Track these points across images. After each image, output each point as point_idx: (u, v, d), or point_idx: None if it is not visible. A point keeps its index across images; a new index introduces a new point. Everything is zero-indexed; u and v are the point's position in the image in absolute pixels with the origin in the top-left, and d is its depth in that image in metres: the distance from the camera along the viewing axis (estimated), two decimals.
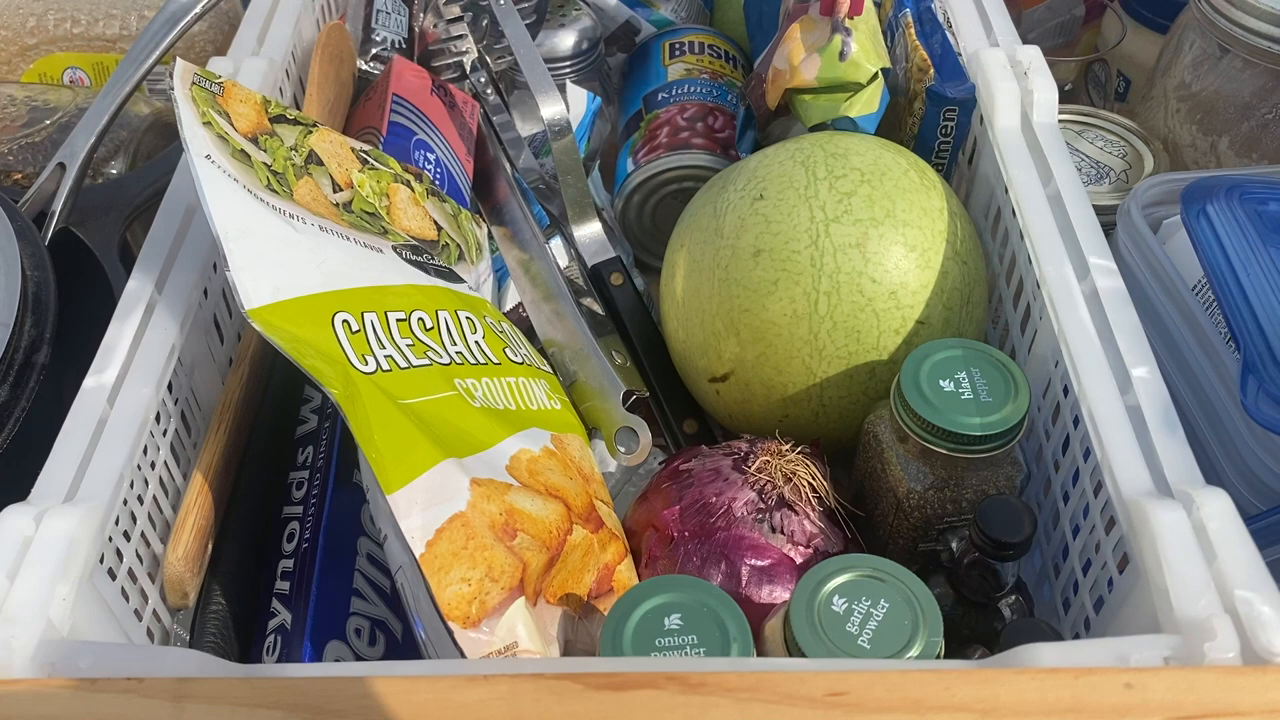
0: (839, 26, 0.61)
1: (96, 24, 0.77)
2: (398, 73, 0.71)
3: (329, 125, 0.68)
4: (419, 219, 0.60)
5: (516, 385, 0.54)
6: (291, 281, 0.48)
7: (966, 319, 0.58)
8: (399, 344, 0.50)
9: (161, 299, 0.52)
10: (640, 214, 0.76)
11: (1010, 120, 0.59)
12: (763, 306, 0.56)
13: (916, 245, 0.56)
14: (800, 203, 0.56)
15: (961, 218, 0.59)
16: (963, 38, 0.66)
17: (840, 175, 0.57)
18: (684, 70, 0.78)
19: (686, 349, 0.61)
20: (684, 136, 0.74)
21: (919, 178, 0.58)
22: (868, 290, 0.55)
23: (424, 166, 0.67)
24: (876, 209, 0.56)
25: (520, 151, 0.75)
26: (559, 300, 0.65)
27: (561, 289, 0.65)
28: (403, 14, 0.80)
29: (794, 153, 0.59)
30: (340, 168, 0.57)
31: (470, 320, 0.55)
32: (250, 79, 0.61)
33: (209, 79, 0.50)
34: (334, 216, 0.54)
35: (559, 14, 0.79)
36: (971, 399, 0.51)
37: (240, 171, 0.49)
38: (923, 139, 0.66)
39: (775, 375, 0.57)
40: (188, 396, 0.54)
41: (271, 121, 0.53)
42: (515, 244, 0.70)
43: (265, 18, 0.67)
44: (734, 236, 0.57)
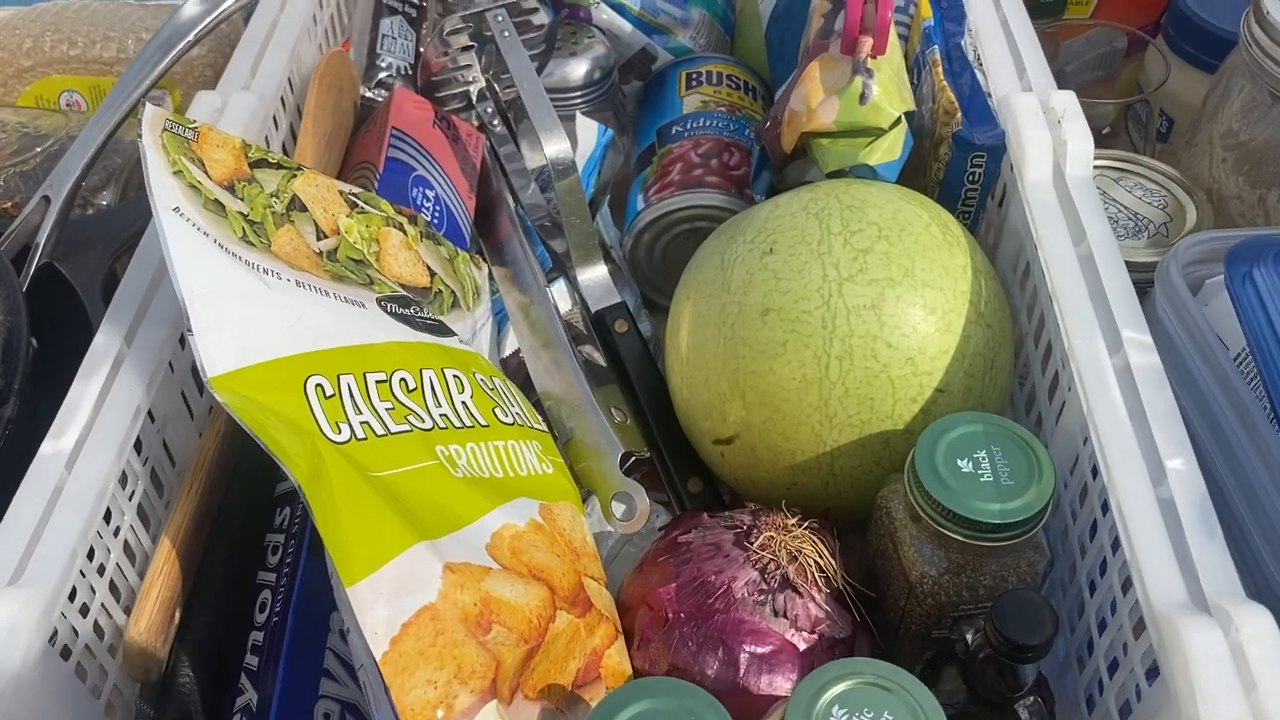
0: (860, 68, 0.58)
1: (94, 46, 0.74)
2: (398, 104, 0.68)
3: (324, 158, 0.65)
4: (411, 265, 0.57)
5: (505, 449, 0.51)
6: (261, 344, 0.45)
7: (990, 386, 0.54)
8: (378, 408, 0.47)
9: (130, 353, 0.49)
10: (650, 253, 0.72)
11: (1041, 172, 0.55)
12: (770, 369, 0.52)
13: (937, 307, 0.52)
14: (812, 259, 0.53)
15: (987, 276, 0.55)
16: (993, 78, 0.62)
17: (856, 230, 0.53)
18: (700, 102, 0.75)
19: (690, 407, 0.57)
20: (697, 174, 0.70)
21: (941, 233, 0.54)
22: (883, 355, 0.51)
23: (422, 205, 0.64)
24: (894, 268, 0.52)
25: (527, 185, 0.72)
26: (557, 349, 0.62)
27: (560, 337, 0.62)
28: (409, 39, 0.77)
29: (808, 203, 0.55)
30: (326, 213, 0.53)
31: (458, 379, 0.52)
32: (238, 116, 0.58)
33: (182, 124, 0.48)
34: (315, 268, 0.51)
35: (570, 42, 0.76)
36: (991, 482, 0.47)
37: (212, 224, 0.46)
38: (948, 186, 0.62)
39: (783, 441, 0.53)
40: (158, 455, 0.51)
41: (252, 166, 0.51)
42: (516, 286, 0.66)
43: (260, 45, 0.64)
44: (741, 292, 0.54)
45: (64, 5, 0.77)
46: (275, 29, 0.66)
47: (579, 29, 0.77)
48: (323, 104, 0.66)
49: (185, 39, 0.65)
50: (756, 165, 0.65)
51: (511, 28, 0.65)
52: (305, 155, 0.63)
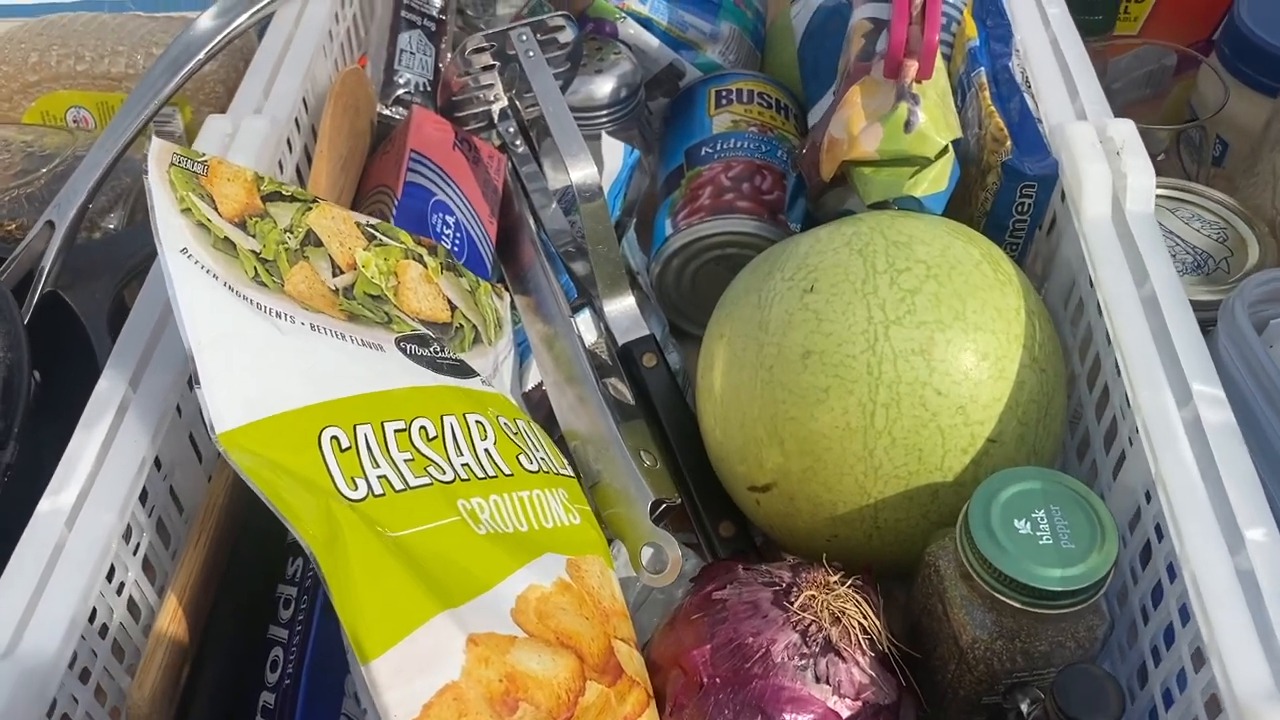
0: (905, 93, 0.54)
1: (101, 61, 0.72)
2: (417, 125, 0.65)
3: (340, 182, 0.63)
4: (430, 299, 0.54)
5: (530, 500, 0.48)
6: (273, 395, 0.42)
7: (1043, 434, 0.51)
8: (396, 460, 0.44)
9: (136, 399, 0.46)
10: (679, 280, 0.69)
11: (1099, 208, 0.52)
12: (811, 416, 0.49)
13: (989, 352, 0.49)
14: (857, 299, 0.50)
15: (1040, 317, 0.52)
16: (1044, 103, 0.59)
17: (903, 269, 0.50)
18: (730, 122, 0.72)
19: (724, 451, 0.54)
20: (728, 199, 0.67)
21: (993, 271, 0.51)
22: (932, 404, 0.48)
23: (442, 232, 0.61)
24: (944, 309, 0.49)
25: (549, 204, 0.69)
26: (582, 384, 0.59)
27: (586, 372, 0.59)
28: (428, 54, 0.74)
29: (850, 238, 0.52)
30: (342, 247, 0.51)
31: (480, 424, 0.49)
32: (249, 142, 0.55)
33: (191, 158, 0.45)
34: (330, 308, 0.48)
35: (596, 58, 0.73)
36: (1051, 544, 0.44)
37: (221, 265, 0.44)
38: (995, 216, 0.59)
39: (824, 492, 0.50)
40: (165, 504, 0.48)
41: (265, 200, 0.48)
42: (539, 317, 0.63)
43: (273, 65, 0.61)
44: (780, 333, 0.51)
45: (71, 17, 0.74)
46: (289, 46, 0.64)
47: (604, 44, 0.74)
48: (338, 125, 0.63)
49: (195, 57, 0.62)
50: (792, 192, 0.62)
51: (536, 47, 0.62)
52: (320, 179, 0.61)
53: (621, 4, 0.74)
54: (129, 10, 0.78)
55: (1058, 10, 0.63)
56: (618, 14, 0.74)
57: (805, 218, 0.63)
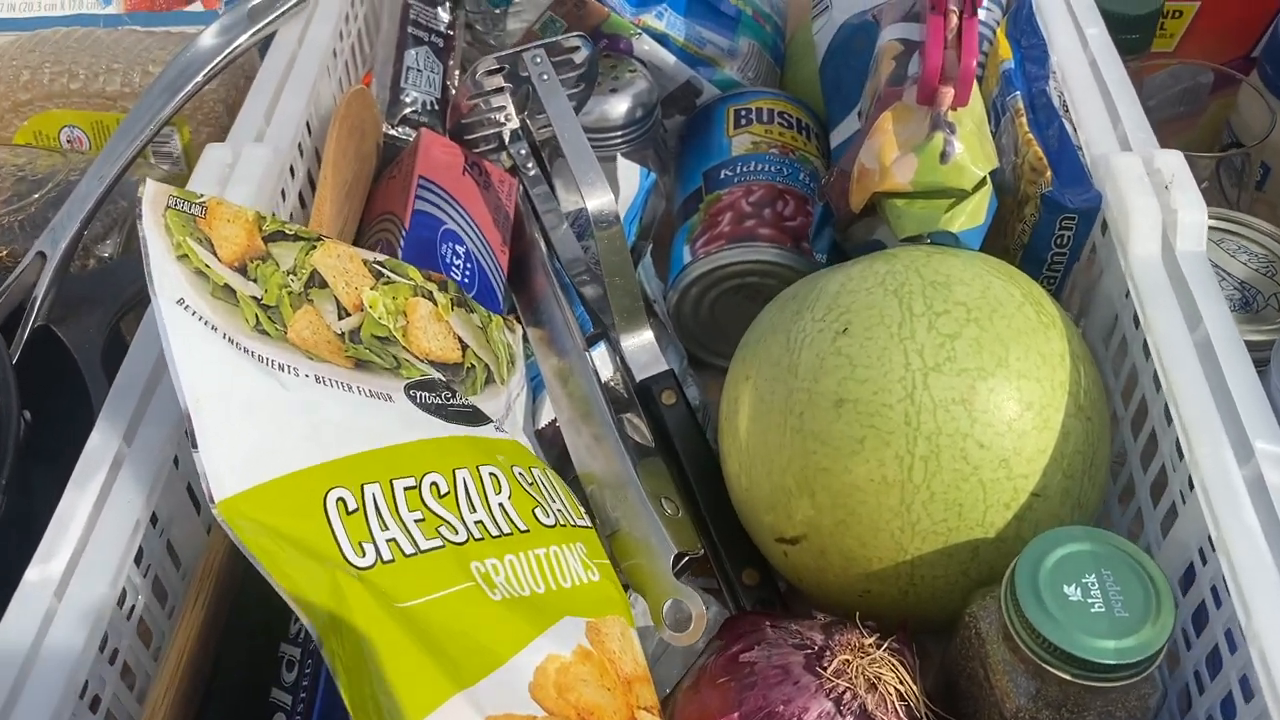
0: (940, 122, 0.52)
1: (96, 79, 0.69)
2: (425, 149, 0.62)
3: (345, 209, 0.60)
4: (441, 338, 0.52)
5: (547, 558, 0.46)
6: (276, 456, 0.39)
7: (1088, 486, 0.48)
8: (406, 522, 0.41)
9: (130, 455, 0.44)
10: (697, 309, 0.67)
11: (1148, 247, 0.49)
12: (845, 468, 0.47)
13: (1033, 401, 0.46)
14: (893, 344, 0.47)
15: (1085, 362, 0.49)
16: (1084, 130, 0.56)
17: (942, 311, 0.47)
18: (750, 143, 0.69)
19: (750, 499, 0.52)
20: (749, 225, 0.64)
21: (1036, 314, 0.48)
22: (974, 457, 0.46)
23: (452, 263, 0.58)
24: (986, 356, 0.46)
25: (560, 227, 0.66)
26: (598, 423, 0.56)
27: (602, 410, 0.56)
28: (436, 71, 0.71)
29: (884, 278, 0.49)
30: (349, 287, 0.48)
31: (494, 477, 0.46)
32: (250, 171, 0.52)
33: (188, 200, 0.42)
34: (336, 354, 0.45)
35: (610, 75, 0.70)
36: (1103, 613, 0.41)
37: (221, 314, 0.41)
38: (1033, 249, 0.56)
39: (858, 547, 0.48)
40: (161, 561, 0.46)
41: (266, 241, 0.45)
42: (553, 351, 0.61)
43: (275, 87, 0.59)
44: (811, 379, 0.48)
45: (65, 33, 0.71)
46: (292, 66, 0.61)
47: (619, 61, 0.71)
48: (343, 149, 0.60)
49: (194, 79, 0.60)
50: (818, 221, 0.59)
51: (551, 70, 0.59)
52: (324, 208, 0.58)
53: (637, 20, 0.71)
54: (125, 25, 0.75)
55: (1096, 30, 0.60)
56: (633, 30, 0.71)
57: (832, 247, 0.60)
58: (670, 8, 0.72)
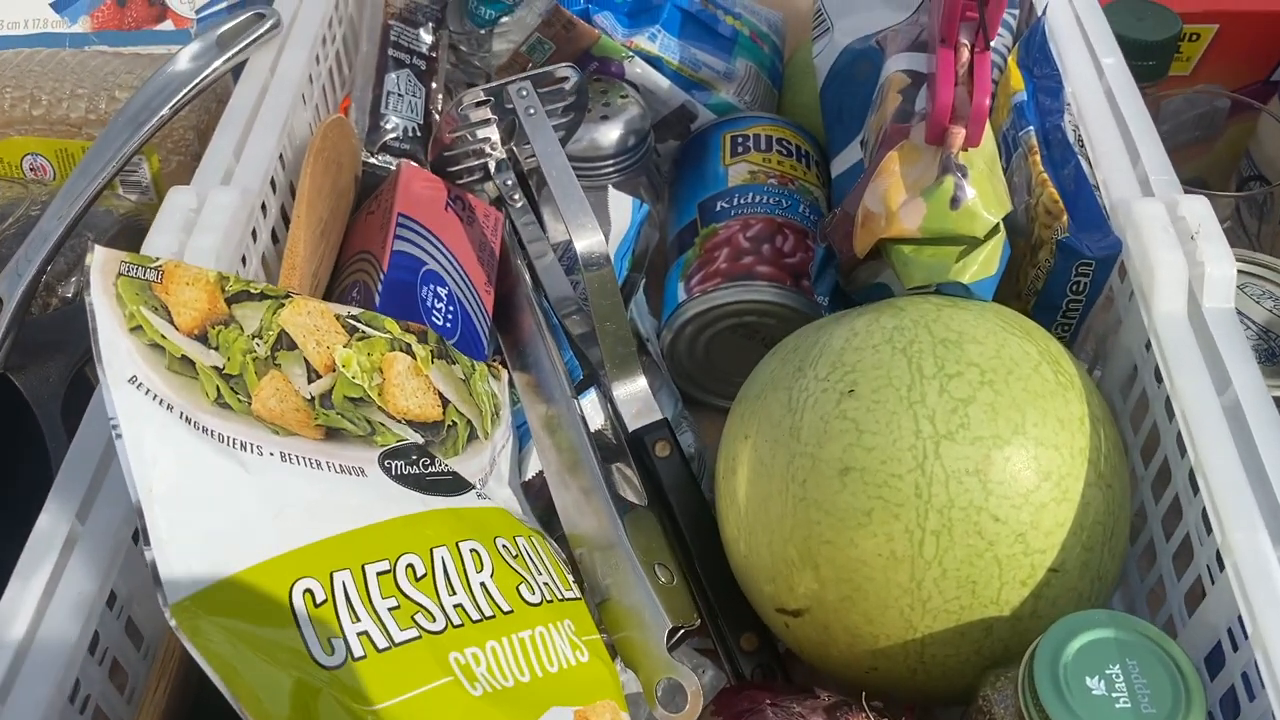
0: (951, 165, 0.49)
1: (60, 105, 0.65)
2: (405, 184, 0.59)
3: (319, 249, 0.57)
4: (420, 394, 0.49)
5: (533, 640, 0.43)
6: (237, 548, 0.36)
7: (1108, 558, 0.45)
8: (379, 612, 0.38)
9: (85, 535, 0.40)
10: (692, 348, 0.64)
11: (1174, 304, 0.46)
12: (851, 541, 0.44)
13: (1052, 471, 0.43)
14: (902, 409, 0.44)
15: (1105, 424, 0.46)
16: (1102, 169, 0.53)
17: (954, 373, 0.44)
18: (748, 173, 0.66)
19: (749, 566, 0.49)
20: (747, 262, 0.61)
21: (1053, 374, 0.45)
22: (989, 532, 0.43)
23: (433, 306, 0.55)
24: (1001, 422, 0.43)
25: (549, 262, 0.63)
26: (588, 477, 0.53)
27: (593, 465, 0.53)
28: (418, 95, 0.68)
29: (892, 334, 0.46)
30: (319, 346, 0.45)
31: (476, 553, 0.43)
32: (216, 219, 0.49)
33: (142, 265, 0.39)
34: (304, 424, 0.42)
35: (601, 101, 0.66)
36: (1128, 709, 0.38)
37: (179, 389, 0.38)
38: (1047, 296, 0.53)
39: (864, 624, 0.45)
40: (120, 643, 0.42)
41: (230, 303, 0.42)
42: (540, 398, 0.58)
43: (245, 121, 0.55)
44: (815, 443, 0.45)
45: (28, 55, 0.68)
46: (264, 97, 0.57)
47: (610, 86, 0.68)
48: (318, 186, 0.57)
49: (159, 113, 0.56)
50: (820, 262, 0.56)
51: (538, 103, 0.56)
52: (297, 248, 0.54)
53: (629, 42, 0.68)
54: (92, 44, 0.72)
55: (1113, 60, 0.57)
56: (624, 53, 0.68)
57: (834, 289, 0.57)
58: (664, 29, 0.69)
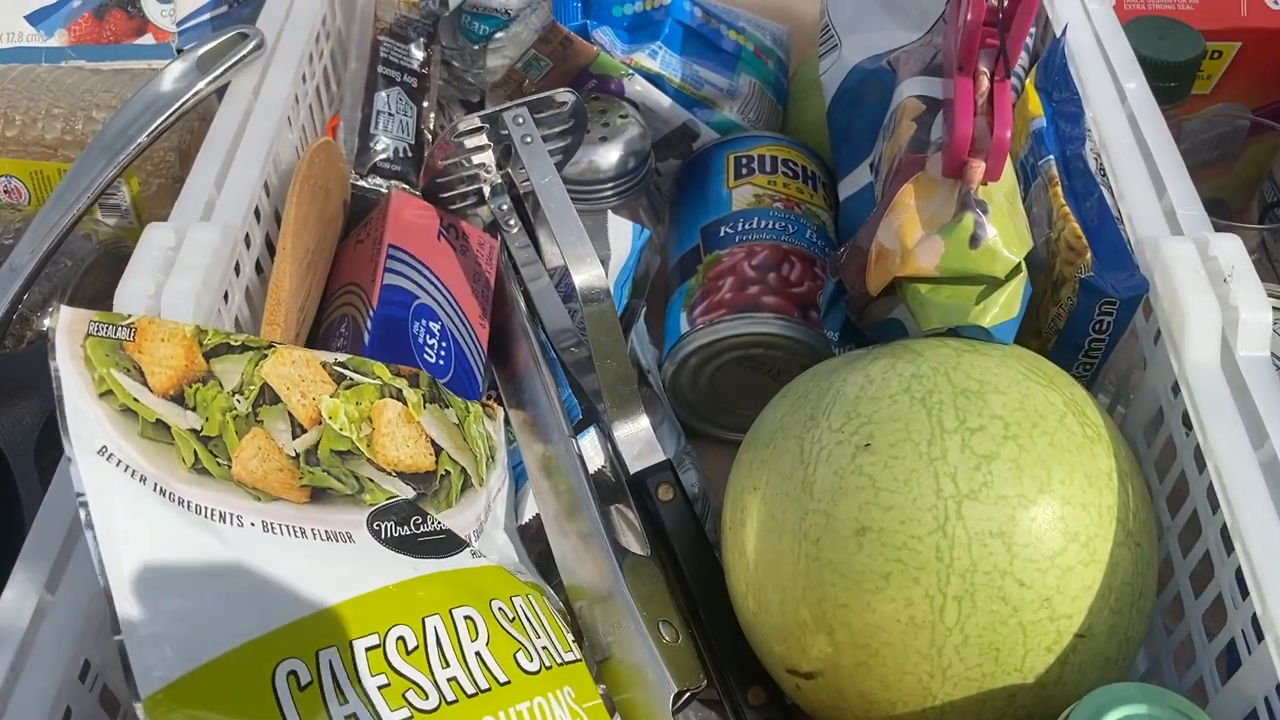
0: (970, 201, 0.46)
1: (34, 125, 0.63)
2: (395, 212, 0.56)
3: (306, 281, 0.54)
4: (411, 443, 0.46)
5: (531, 713, 0.40)
6: (214, 632, 0.34)
7: (1136, 618, 0.43)
8: (368, 691, 0.36)
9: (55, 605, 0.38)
10: (695, 380, 0.61)
11: (1206, 351, 0.44)
12: (868, 605, 0.42)
13: (1080, 532, 0.41)
14: (922, 465, 0.42)
15: (1133, 477, 0.44)
16: (1127, 203, 0.51)
17: (976, 427, 0.42)
18: (753, 196, 0.63)
19: (758, 624, 0.46)
20: (752, 293, 0.59)
21: (1079, 425, 0.43)
22: (1013, 597, 0.40)
23: (425, 342, 0.53)
24: (1027, 480, 0.41)
25: (546, 291, 0.60)
26: (587, 522, 0.51)
27: (592, 512, 0.51)
28: (409, 114, 0.65)
29: (910, 383, 0.44)
30: (305, 398, 0.42)
31: (470, 620, 0.41)
32: (196, 258, 0.46)
33: (112, 324, 0.36)
34: (289, 486, 0.40)
35: (600, 122, 0.64)
36: None
37: (153, 457, 0.35)
38: (1069, 335, 0.50)
39: (880, 690, 0.42)
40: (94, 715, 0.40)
41: (208, 357, 0.39)
42: (537, 437, 0.55)
43: (226, 152, 0.53)
44: (829, 500, 0.43)
45: (1, 72, 0.65)
46: (247, 123, 0.55)
47: (609, 105, 0.65)
48: (304, 216, 0.54)
49: (135, 141, 0.54)
50: (830, 297, 0.54)
51: (535, 130, 0.54)
52: (283, 282, 0.52)
53: (628, 59, 0.65)
54: (70, 59, 0.69)
55: (1136, 85, 0.55)
56: (624, 70, 0.65)
57: (844, 328, 0.55)
58: (665, 45, 0.66)
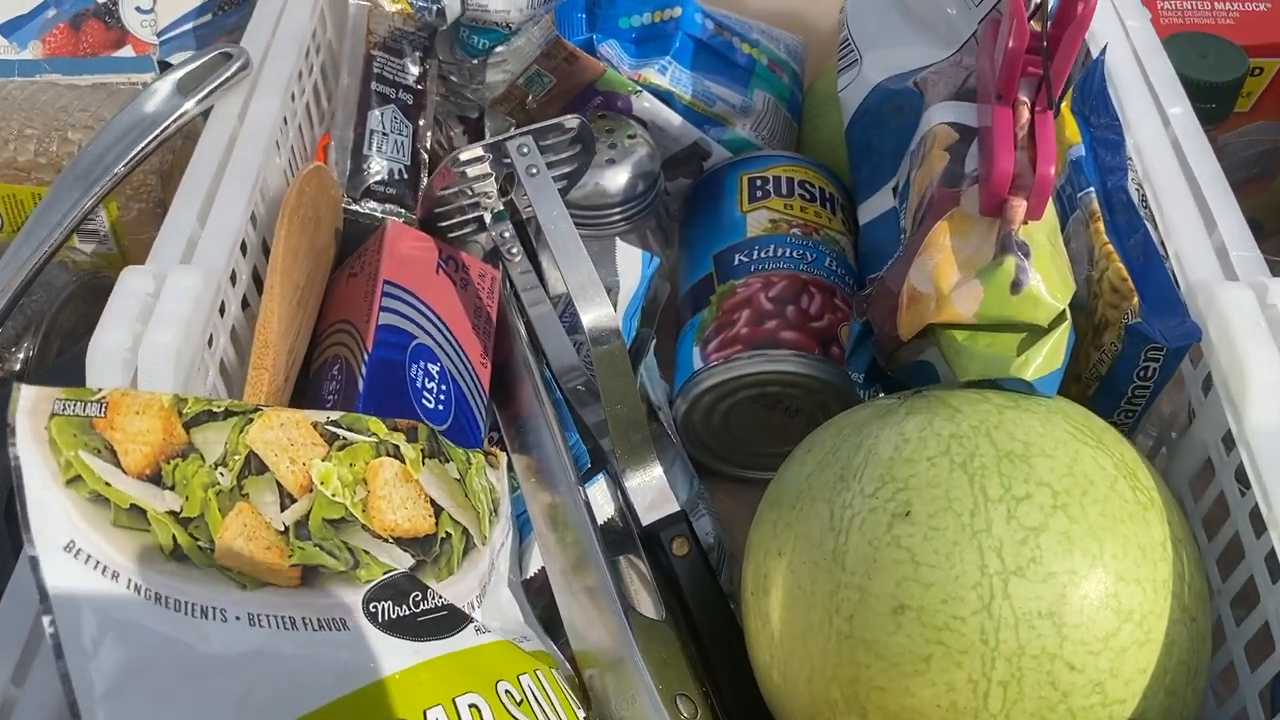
0: (1011, 244, 0.43)
1: (7, 146, 0.59)
2: (391, 245, 0.53)
3: (296, 320, 0.51)
4: (410, 505, 0.43)
5: None
6: None
7: (1191, 697, 0.40)
8: None
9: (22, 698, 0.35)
10: (709, 418, 0.58)
11: (1270, 413, 0.40)
12: (906, 689, 0.38)
13: (1134, 610, 0.38)
14: (965, 538, 0.38)
15: (1187, 545, 0.41)
16: (1175, 241, 0.47)
17: (1023, 496, 0.39)
18: (769, 222, 0.60)
19: (783, 699, 0.43)
20: (770, 328, 0.56)
21: (1131, 490, 0.40)
22: (1063, 681, 0.37)
23: (424, 386, 0.50)
24: (1078, 555, 0.38)
25: (544, 313, 0.57)
26: (595, 577, 0.48)
27: (601, 569, 0.48)
28: (404, 133, 0.62)
29: (949, 444, 0.41)
30: (294, 464, 0.39)
31: (475, 709, 0.38)
32: (177, 307, 0.43)
33: (80, 400, 0.33)
34: (276, 568, 0.36)
35: (607, 142, 0.60)
36: None
37: (127, 549, 0.32)
38: (1111, 382, 0.47)
39: None
40: None
41: (188, 427, 0.36)
42: (542, 484, 0.52)
43: (209, 184, 0.49)
44: (863, 574, 0.40)
45: None
46: (232, 150, 0.51)
47: (616, 124, 0.61)
48: (294, 249, 0.51)
49: (112, 171, 0.50)
50: (855, 339, 0.50)
51: (540, 162, 0.50)
52: (270, 322, 0.48)
53: (636, 75, 0.62)
54: (44, 73, 0.65)
55: (1181, 110, 0.51)
56: (631, 87, 0.61)
57: (870, 370, 0.51)
58: (675, 61, 0.62)
